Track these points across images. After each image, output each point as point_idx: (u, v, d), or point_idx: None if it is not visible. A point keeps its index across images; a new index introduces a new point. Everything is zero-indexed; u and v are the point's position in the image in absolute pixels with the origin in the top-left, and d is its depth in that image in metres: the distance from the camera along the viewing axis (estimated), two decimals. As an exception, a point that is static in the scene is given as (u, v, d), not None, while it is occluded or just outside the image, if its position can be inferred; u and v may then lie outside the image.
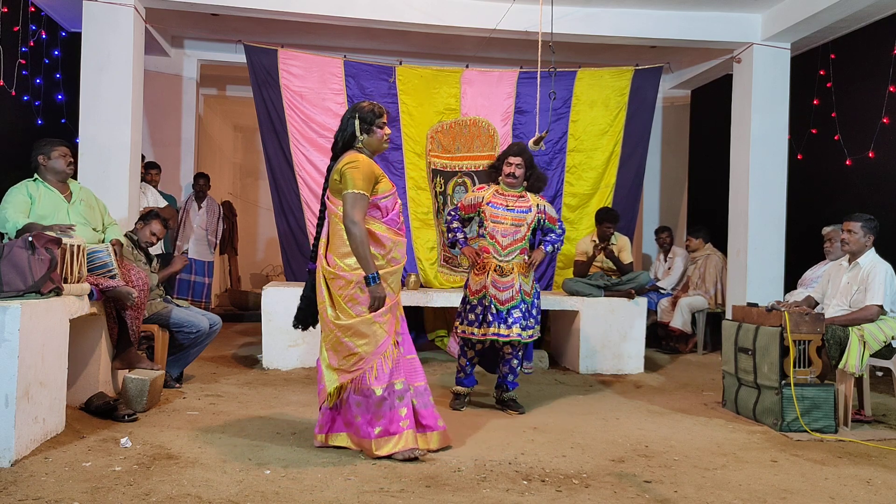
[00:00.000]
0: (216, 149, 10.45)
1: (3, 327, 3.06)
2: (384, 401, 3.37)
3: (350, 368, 3.40)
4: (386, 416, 3.37)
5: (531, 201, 4.50)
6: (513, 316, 4.35)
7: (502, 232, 4.41)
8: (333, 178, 3.47)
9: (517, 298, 4.36)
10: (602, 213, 6.39)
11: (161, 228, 5.05)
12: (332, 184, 3.50)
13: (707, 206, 8.33)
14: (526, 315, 4.40)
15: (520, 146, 4.58)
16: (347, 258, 3.40)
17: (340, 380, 3.41)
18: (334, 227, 3.46)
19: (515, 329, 4.32)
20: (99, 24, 5.69)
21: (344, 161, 3.44)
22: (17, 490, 2.79)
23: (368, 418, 3.38)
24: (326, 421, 3.52)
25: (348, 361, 3.40)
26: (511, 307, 4.35)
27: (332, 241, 3.47)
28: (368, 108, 3.54)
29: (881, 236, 4.62)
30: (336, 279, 3.41)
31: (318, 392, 3.53)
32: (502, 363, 4.51)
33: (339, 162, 3.48)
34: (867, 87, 6.26)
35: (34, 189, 4.21)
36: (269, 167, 6.57)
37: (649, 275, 6.97)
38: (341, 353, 3.41)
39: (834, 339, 4.28)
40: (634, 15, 6.47)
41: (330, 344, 3.45)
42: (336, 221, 3.44)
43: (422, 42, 7.35)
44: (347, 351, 3.40)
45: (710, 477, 3.28)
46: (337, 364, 3.42)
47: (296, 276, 6.58)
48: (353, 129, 3.52)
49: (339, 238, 3.42)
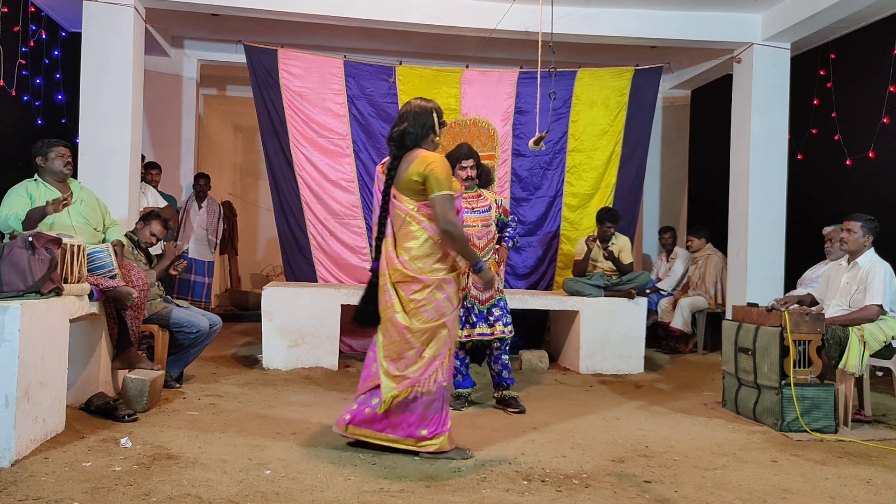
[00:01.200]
0: (216, 149, 10.45)
1: (3, 327, 3.06)
2: (434, 402, 3.37)
3: (413, 374, 3.33)
4: (436, 417, 3.38)
5: (489, 198, 4.63)
6: (493, 314, 4.49)
7: (477, 234, 4.49)
8: (410, 177, 3.31)
9: (496, 296, 4.51)
10: (603, 213, 6.39)
11: (161, 229, 5.05)
12: (406, 183, 3.34)
13: (707, 206, 8.33)
14: (504, 312, 4.53)
15: (468, 147, 4.58)
16: (420, 260, 3.32)
17: (399, 388, 3.33)
18: (406, 227, 3.34)
19: (499, 326, 4.47)
20: (99, 24, 5.69)
21: (423, 161, 3.31)
22: (17, 490, 2.79)
23: (418, 419, 3.36)
24: (366, 418, 3.40)
25: (413, 367, 3.34)
26: (491, 305, 4.49)
27: (402, 242, 3.35)
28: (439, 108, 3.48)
29: (881, 236, 4.62)
30: (411, 283, 3.32)
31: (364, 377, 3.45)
32: (493, 362, 4.56)
33: (412, 160, 3.34)
34: (867, 87, 6.26)
35: (34, 189, 4.21)
36: (269, 167, 6.57)
37: (649, 275, 6.96)
38: (408, 361, 3.34)
39: (834, 339, 4.28)
40: (634, 15, 6.47)
41: (396, 351, 3.35)
42: (409, 221, 3.33)
43: (422, 42, 7.35)
44: (416, 357, 3.33)
45: (710, 477, 3.28)
46: (400, 371, 3.34)
47: (296, 276, 6.59)
48: (433, 124, 3.41)
49: (412, 238, 3.33)
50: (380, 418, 3.39)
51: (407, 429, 3.37)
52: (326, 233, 6.53)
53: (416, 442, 3.37)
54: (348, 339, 6.41)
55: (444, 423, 3.40)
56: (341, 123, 6.53)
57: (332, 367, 5.65)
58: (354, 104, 6.54)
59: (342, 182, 6.54)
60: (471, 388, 4.61)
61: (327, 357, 5.66)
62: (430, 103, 3.48)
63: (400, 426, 3.38)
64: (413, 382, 3.33)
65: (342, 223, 6.52)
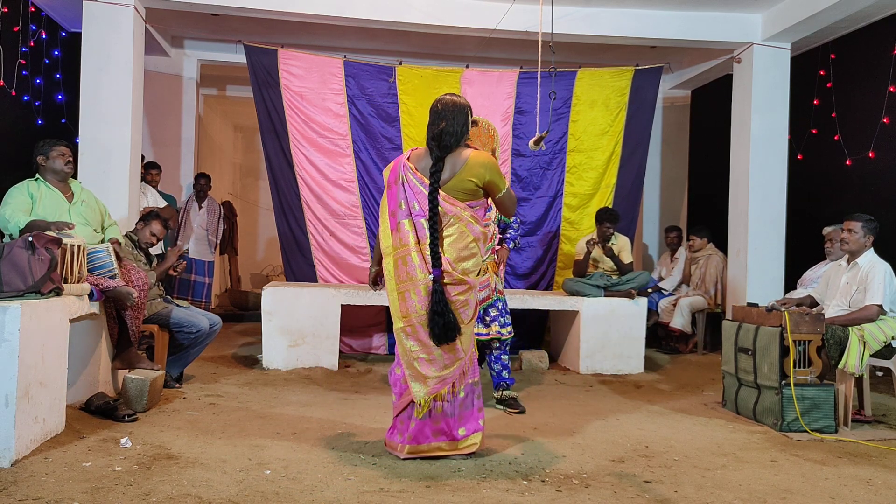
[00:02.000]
0: (216, 149, 10.45)
1: (3, 327, 3.06)
2: (467, 398, 3.39)
3: (450, 374, 3.33)
4: (472, 414, 3.39)
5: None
6: (490, 314, 4.47)
7: None
8: (466, 179, 3.28)
9: (493, 297, 4.48)
10: (602, 213, 6.38)
11: (161, 229, 5.05)
12: (458, 184, 3.29)
13: (707, 206, 8.33)
14: (503, 313, 4.51)
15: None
16: (465, 262, 3.31)
17: (433, 390, 3.31)
18: (451, 228, 3.30)
19: (495, 327, 4.45)
20: (99, 24, 5.70)
21: (481, 164, 3.30)
22: (17, 490, 2.79)
23: (456, 419, 3.35)
24: (412, 431, 3.34)
25: (449, 369, 3.33)
26: (487, 306, 4.46)
27: (449, 244, 3.30)
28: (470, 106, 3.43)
29: (881, 236, 4.62)
30: (458, 284, 3.29)
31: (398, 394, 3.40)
32: (493, 362, 4.57)
33: (463, 162, 3.30)
34: (867, 87, 6.26)
35: (35, 189, 4.22)
36: (269, 167, 6.57)
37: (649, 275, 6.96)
38: (447, 361, 3.32)
39: (834, 339, 4.28)
40: (634, 15, 6.47)
41: (439, 353, 3.31)
42: (455, 223, 3.29)
43: (422, 42, 7.35)
44: (454, 357, 3.32)
45: (710, 477, 3.28)
46: (435, 374, 3.31)
47: (295, 276, 6.59)
48: (468, 124, 3.37)
49: (461, 239, 3.30)
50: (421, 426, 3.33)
51: (453, 429, 3.36)
52: (326, 233, 6.53)
53: (456, 445, 3.37)
54: (348, 339, 6.42)
55: (478, 420, 3.42)
56: (341, 123, 6.53)
57: (332, 367, 5.65)
58: (354, 104, 6.54)
59: (342, 182, 6.54)
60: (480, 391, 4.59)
61: (327, 357, 5.66)
62: (463, 100, 3.42)
63: (443, 431, 3.36)
64: (449, 382, 3.32)
65: (342, 223, 6.52)
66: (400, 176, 3.35)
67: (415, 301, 3.28)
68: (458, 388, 3.35)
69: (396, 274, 3.32)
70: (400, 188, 3.34)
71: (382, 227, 3.40)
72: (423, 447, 3.35)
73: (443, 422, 3.35)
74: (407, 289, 3.29)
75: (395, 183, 3.37)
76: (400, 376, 3.40)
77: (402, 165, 3.38)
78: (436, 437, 3.36)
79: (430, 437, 3.35)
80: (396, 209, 3.33)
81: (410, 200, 3.31)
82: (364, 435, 3.77)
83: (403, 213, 3.31)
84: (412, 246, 3.27)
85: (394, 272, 3.33)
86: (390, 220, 3.36)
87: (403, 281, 3.30)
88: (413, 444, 3.33)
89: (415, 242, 3.28)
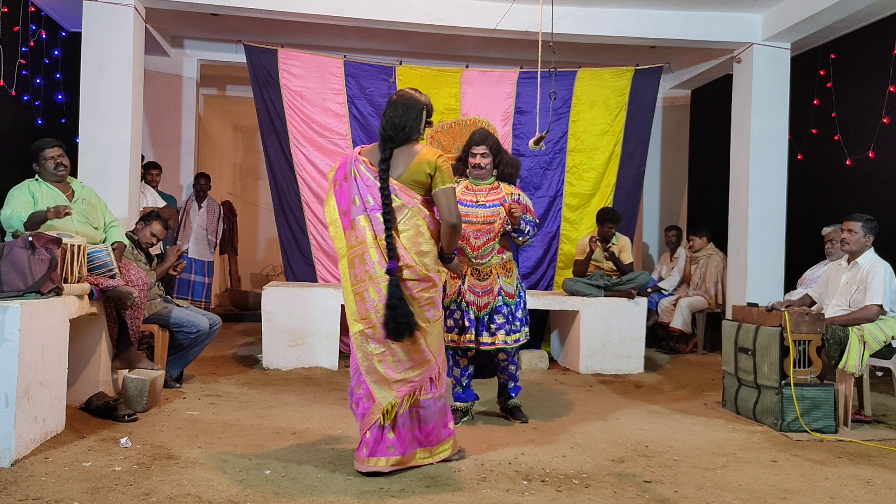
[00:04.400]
0: (216, 149, 10.45)
1: (3, 327, 3.07)
2: (442, 402, 3.30)
3: (415, 378, 3.18)
4: (445, 418, 3.31)
5: (503, 192, 4.16)
6: (496, 322, 4.08)
7: (474, 233, 4.07)
8: (420, 169, 3.17)
9: (498, 301, 4.09)
10: (604, 213, 6.38)
11: (161, 229, 5.05)
12: (413, 174, 3.18)
13: (707, 206, 8.33)
14: (510, 319, 4.11)
15: (482, 132, 4.23)
16: (427, 256, 3.18)
17: (399, 394, 3.15)
18: (411, 220, 3.17)
19: (500, 336, 4.07)
20: (99, 24, 5.69)
21: (433, 153, 3.21)
22: (17, 490, 2.79)
23: (436, 424, 3.25)
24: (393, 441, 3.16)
25: (416, 371, 3.18)
26: (492, 312, 4.09)
27: (409, 238, 3.16)
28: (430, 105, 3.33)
29: (881, 236, 4.62)
30: (421, 281, 3.15)
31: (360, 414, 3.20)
32: (500, 371, 4.29)
33: (416, 152, 3.21)
34: (867, 87, 6.25)
35: (36, 188, 4.22)
36: (269, 167, 6.57)
37: (649, 275, 6.97)
38: (412, 362, 3.17)
39: (834, 339, 4.28)
40: (634, 15, 6.47)
41: (404, 354, 3.16)
42: (415, 215, 3.18)
43: (422, 42, 7.35)
44: (421, 358, 3.18)
45: (710, 477, 3.28)
46: (400, 376, 3.15)
47: (296, 276, 6.58)
48: (422, 121, 3.27)
49: (419, 234, 3.17)
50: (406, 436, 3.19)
51: (434, 434, 3.25)
52: (326, 233, 6.52)
53: (432, 451, 3.28)
54: (348, 339, 6.38)
55: (448, 424, 3.34)
56: (341, 123, 6.53)
57: (332, 367, 5.65)
58: (354, 104, 6.54)
59: (342, 182, 6.53)
60: (471, 402, 4.25)
61: (327, 357, 5.66)
62: (422, 97, 3.31)
63: (427, 437, 3.24)
64: (416, 385, 3.18)
65: (342, 223, 6.52)
66: (351, 171, 3.23)
67: (375, 300, 3.13)
68: (434, 391, 3.22)
69: (353, 274, 3.19)
70: (352, 183, 3.21)
71: (333, 230, 3.26)
72: (406, 457, 3.20)
73: (417, 429, 3.22)
74: (365, 288, 3.15)
75: (344, 180, 3.24)
76: (362, 395, 3.20)
77: (352, 160, 3.26)
78: (417, 444, 3.24)
79: (411, 445, 3.22)
80: (349, 206, 3.21)
81: (364, 195, 3.18)
82: (364, 435, 3.77)
83: (358, 209, 3.18)
84: (370, 242, 3.14)
85: (349, 273, 3.20)
86: (342, 220, 3.23)
87: (362, 280, 3.16)
88: (397, 456, 3.16)
89: (372, 238, 3.14)
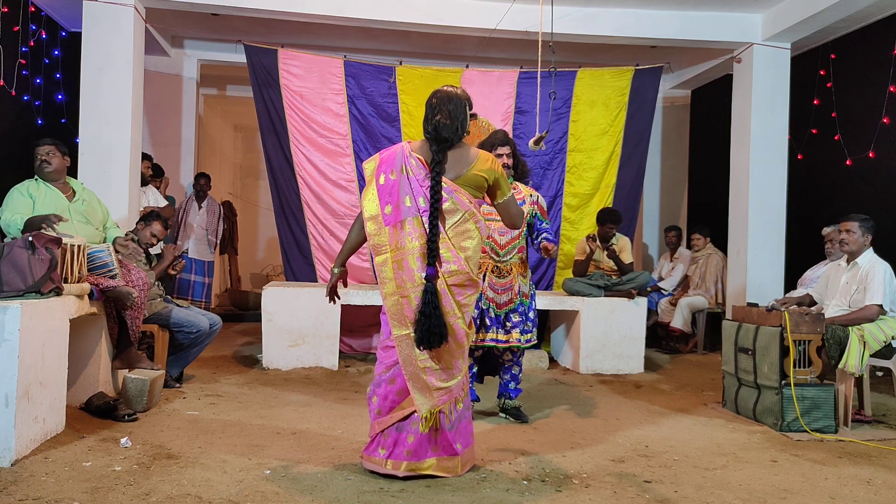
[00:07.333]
0: (216, 149, 10.45)
1: (3, 327, 3.06)
2: (469, 411, 3.26)
3: (454, 387, 3.09)
4: (466, 428, 3.22)
5: (523, 192, 4.21)
6: (512, 320, 4.10)
7: (499, 230, 4.09)
8: (477, 174, 3.05)
9: (516, 301, 4.13)
10: (605, 213, 6.38)
11: (162, 229, 5.05)
12: (470, 179, 3.06)
13: (707, 206, 8.33)
14: (524, 319, 4.15)
15: (504, 134, 4.25)
16: (473, 262, 3.08)
17: (439, 402, 3.05)
18: (463, 224, 3.04)
19: (515, 334, 4.09)
20: (99, 24, 5.70)
21: (491, 160, 3.12)
22: (17, 490, 2.79)
23: (455, 434, 3.14)
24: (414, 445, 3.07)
25: (455, 380, 3.09)
26: (509, 311, 4.11)
27: (460, 241, 3.04)
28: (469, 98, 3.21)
29: (881, 236, 4.62)
30: (468, 287, 3.06)
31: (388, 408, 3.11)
32: (503, 371, 4.29)
33: (474, 157, 3.09)
34: (867, 87, 6.25)
35: (35, 189, 4.22)
36: (269, 167, 6.57)
37: (649, 275, 6.97)
38: (455, 370, 3.08)
39: (834, 339, 4.28)
40: (634, 15, 6.47)
41: (447, 362, 3.05)
42: (468, 219, 3.04)
43: (422, 42, 7.35)
44: (459, 367, 3.10)
45: (710, 477, 3.28)
46: (442, 384, 3.05)
47: (296, 276, 6.59)
48: (468, 116, 3.14)
49: (469, 237, 3.06)
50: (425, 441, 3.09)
51: (452, 445, 3.12)
52: (326, 233, 6.53)
53: (457, 460, 3.14)
54: (348, 339, 6.41)
55: (471, 434, 3.25)
56: (341, 123, 6.53)
57: (332, 367, 5.65)
58: (354, 104, 6.54)
59: (342, 182, 6.54)
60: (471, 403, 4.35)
61: (327, 357, 5.66)
62: (461, 92, 3.17)
63: (445, 447, 3.13)
64: (454, 395, 3.09)
65: (342, 223, 6.52)
66: (403, 167, 3.03)
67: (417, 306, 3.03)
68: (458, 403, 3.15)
69: (398, 276, 3.01)
70: (403, 180, 3.01)
71: (374, 226, 3.05)
72: (423, 464, 3.09)
73: (441, 437, 3.11)
74: (411, 292, 3.00)
75: (392, 175, 3.04)
76: (394, 389, 3.10)
77: (403, 155, 3.05)
78: (434, 452, 3.11)
79: (430, 453, 3.10)
80: (398, 206, 2.99)
81: (416, 195, 2.99)
82: (364, 435, 3.76)
83: (409, 209, 2.99)
84: (419, 245, 2.98)
85: (394, 274, 3.01)
86: (393, 214, 3.00)
87: (409, 284, 3.01)
88: (414, 461, 3.07)
89: (422, 242, 2.98)
